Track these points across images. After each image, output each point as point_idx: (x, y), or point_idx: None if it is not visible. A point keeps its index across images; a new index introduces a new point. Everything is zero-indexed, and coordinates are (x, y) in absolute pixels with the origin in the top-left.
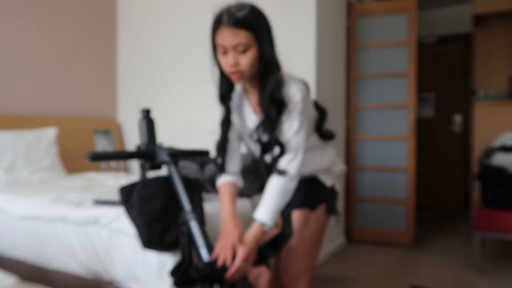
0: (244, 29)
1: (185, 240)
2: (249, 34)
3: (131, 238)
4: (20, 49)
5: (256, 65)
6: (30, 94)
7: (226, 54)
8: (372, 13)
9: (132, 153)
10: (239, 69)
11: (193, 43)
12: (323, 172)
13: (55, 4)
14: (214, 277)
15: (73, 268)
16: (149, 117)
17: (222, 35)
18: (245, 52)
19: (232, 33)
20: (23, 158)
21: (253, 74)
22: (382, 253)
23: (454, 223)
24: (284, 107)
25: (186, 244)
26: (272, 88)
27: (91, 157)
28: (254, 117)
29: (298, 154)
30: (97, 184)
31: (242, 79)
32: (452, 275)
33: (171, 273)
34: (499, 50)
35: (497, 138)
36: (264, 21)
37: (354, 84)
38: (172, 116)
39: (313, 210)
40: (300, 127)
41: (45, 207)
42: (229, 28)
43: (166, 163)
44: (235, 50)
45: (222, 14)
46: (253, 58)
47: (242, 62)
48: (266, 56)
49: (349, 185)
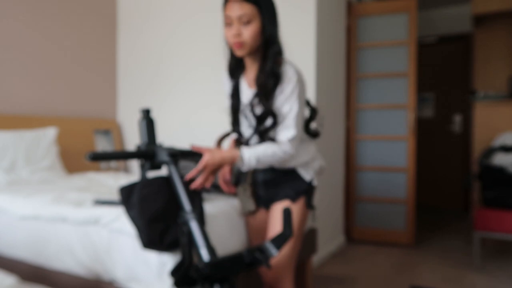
0: (249, 2)
1: (186, 240)
2: (254, 8)
3: (131, 238)
4: (20, 49)
5: (257, 38)
6: (30, 94)
7: (231, 25)
8: (372, 13)
9: (132, 153)
10: (241, 40)
11: (193, 43)
12: (303, 165)
13: (55, 4)
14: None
15: (73, 268)
16: (149, 117)
17: (229, 7)
18: (248, 24)
19: (239, 5)
20: (23, 158)
21: (254, 47)
22: (382, 253)
23: (454, 223)
24: (280, 82)
25: (187, 244)
26: (272, 63)
27: (92, 157)
28: (249, 91)
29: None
30: (97, 184)
31: (243, 50)
32: (452, 275)
33: (171, 273)
34: (499, 50)
35: (497, 138)
36: (270, 1)
37: (354, 84)
38: (172, 116)
39: (294, 202)
40: (299, 110)
41: (45, 207)
42: (236, 0)
43: (166, 163)
44: (239, 21)
45: None
46: (255, 31)
47: (244, 33)
48: (268, 31)
49: (349, 185)
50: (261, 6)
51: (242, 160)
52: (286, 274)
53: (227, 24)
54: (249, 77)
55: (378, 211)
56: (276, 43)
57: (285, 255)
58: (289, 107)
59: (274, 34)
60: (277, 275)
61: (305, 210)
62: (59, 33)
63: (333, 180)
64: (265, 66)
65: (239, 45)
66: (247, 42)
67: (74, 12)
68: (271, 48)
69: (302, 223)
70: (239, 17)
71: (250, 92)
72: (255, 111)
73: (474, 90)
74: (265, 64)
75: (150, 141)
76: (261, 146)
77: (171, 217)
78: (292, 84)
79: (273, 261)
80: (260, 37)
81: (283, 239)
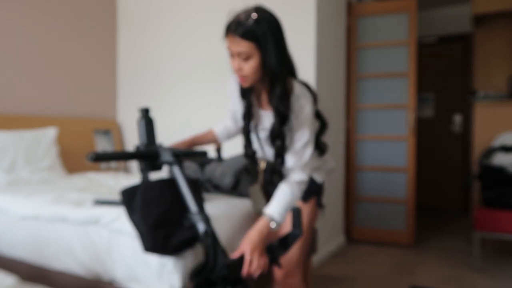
0: (246, 40)
1: (210, 241)
2: (252, 45)
3: (131, 238)
4: (20, 49)
5: (258, 72)
6: (30, 94)
7: (232, 57)
8: (372, 13)
9: (134, 153)
10: (242, 74)
11: (193, 43)
12: (315, 169)
13: (55, 5)
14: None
15: (73, 268)
16: (148, 116)
17: (229, 41)
18: (247, 60)
19: (236, 42)
20: (23, 158)
21: (258, 79)
22: (382, 253)
23: (454, 223)
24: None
25: (211, 246)
26: (278, 99)
27: (93, 157)
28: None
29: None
30: (97, 184)
31: (246, 83)
32: (452, 275)
33: (192, 276)
34: (499, 50)
35: (497, 138)
36: (270, 31)
37: (354, 84)
38: (172, 116)
39: (305, 202)
40: (309, 140)
41: (45, 207)
42: (234, 36)
43: (169, 164)
44: (239, 57)
45: (232, 22)
46: (255, 67)
47: (245, 68)
48: (269, 66)
49: (349, 185)
50: (260, 41)
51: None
52: (296, 271)
53: (230, 55)
54: (259, 99)
55: (378, 211)
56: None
57: (295, 253)
58: (300, 134)
59: (276, 65)
60: (288, 272)
61: (316, 210)
62: (59, 33)
63: (333, 180)
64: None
65: (243, 80)
66: (248, 76)
67: (74, 12)
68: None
69: (312, 222)
70: (238, 53)
71: (264, 114)
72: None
73: (474, 90)
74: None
75: (150, 141)
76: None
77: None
78: (305, 112)
79: (284, 258)
80: (262, 70)
81: (293, 238)
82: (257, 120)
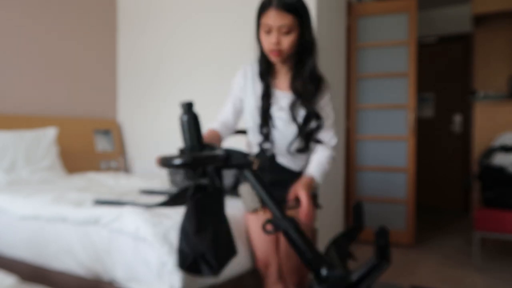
0: (290, 13)
1: (296, 240)
2: (294, 19)
3: (131, 238)
4: (20, 49)
5: (295, 47)
6: (30, 94)
7: (269, 33)
8: (372, 13)
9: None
10: (279, 48)
11: (193, 43)
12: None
13: (55, 5)
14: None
15: (73, 268)
16: (192, 111)
17: (269, 16)
18: (287, 34)
19: (279, 15)
20: (23, 158)
21: (290, 55)
22: None
23: (454, 223)
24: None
25: (297, 243)
26: (312, 67)
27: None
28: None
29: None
30: (97, 184)
31: (280, 57)
32: (452, 275)
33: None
34: (499, 50)
35: (497, 138)
36: (307, 9)
37: (354, 84)
38: (172, 116)
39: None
40: (334, 119)
41: (45, 207)
42: (277, 10)
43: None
44: (279, 31)
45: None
46: (294, 41)
47: (283, 42)
48: (307, 40)
49: (349, 185)
50: (301, 16)
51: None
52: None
53: (266, 32)
54: (280, 80)
55: (378, 211)
56: (314, 50)
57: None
58: (327, 112)
59: (313, 41)
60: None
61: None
62: (59, 33)
63: (333, 180)
64: (303, 71)
65: (278, 54)
66: (285, 51)
67: (74, 12)
68: (310, 55)
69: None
70: (279, 27)
71: (282, 95)
72: (296, 114)
73: (474, 90)
74: (303, 70)
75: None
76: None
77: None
78: (330, 91)
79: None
80: (297, 46)
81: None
82: (273, 101)
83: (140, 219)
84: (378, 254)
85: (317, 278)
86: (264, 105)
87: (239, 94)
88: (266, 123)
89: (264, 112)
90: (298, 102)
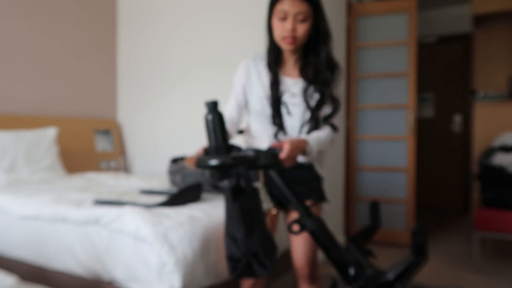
0: (307, 2)
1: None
2: (310, 7)
3: (131, 238)
4: (20, 49)
5: (308, 35)
6: (30, 94)
7: (285, 20)
8: (372, 13)
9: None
10: (296, 35)
11: (193, 43)
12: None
13: (55, 4)
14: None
15: (73, 268)
16: (217, 111)
17: (285, 2)
18: (303, 21)
19: (296, 2)
20: (23, 158)
21: (302, 43)
22: (382, 253)
23: (454, 223)
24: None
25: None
26: (327, 55)
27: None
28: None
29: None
30: (97, 184)
31: (294, 45)
32: (452, 275)
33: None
34: (499, 50)
35: (497, 138)
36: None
37: (354, 84)
38: (172, 116)
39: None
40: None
41: (45, 207)
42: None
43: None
44: (295, 18)
45: None
46: (308, 29)
47: (299, 29)
48: (322, 28)
49: (349, 185)
50: (317, 5)
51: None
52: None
53: (281, 18)
54: (288, 69)
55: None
56: (329, 39)
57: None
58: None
59: (327, 31)
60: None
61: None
62: (59, 33)
63: (333, 180)
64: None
65: (292, 41)
66: (299, 38)
67: (74, 12)
68: (324, 44)
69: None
70: (295, 14)
71: (292, 82)
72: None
73: (474, 90)
74: (319, 58)
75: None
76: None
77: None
78: (341, 74)
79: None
80: (310, 35)
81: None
82: (284, 88)
83: (140, 219)
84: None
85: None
86: (274, 93)
87: (242, 89)
88: (278, 112)
89: (275, 101)
90: (312, 87)
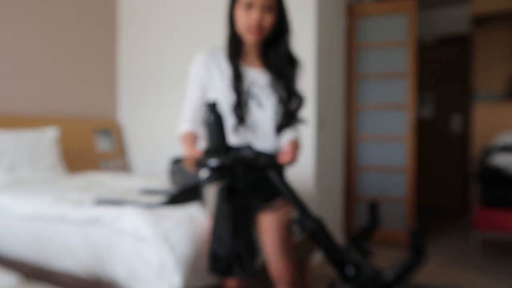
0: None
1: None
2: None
3: (131, 238)
4: (20, 49)
5: (272, 27)
6: (30, 94)
7: (250, 9)
8: (372, 14)
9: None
10: (263, 25)
11: (193, 43)
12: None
13: (55, 4)
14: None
15: (73, 268)
16: (217, 111)
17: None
18: (270, 11)
19: None
20: (23, 158)
21: (266, 35)
22: (382, 253)
23: (454, 223)
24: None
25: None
26: (287, 47)
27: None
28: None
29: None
30: (97, 184)
31: (259, 35)
32: (451, 275)
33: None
34: (499, 51)
35: (496, 138)
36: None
37: (354, 84)
38: (172, 116)
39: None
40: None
41: (46, 207)
42: None
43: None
44: (262, 8)
45: None
46: (273, 20)
47: (266, 20)
48: (286, 20)
49: (349, 185)
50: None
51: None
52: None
53: (246, 8)
54: (250, 59)
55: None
56: (290, 31)
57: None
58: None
59: (289, 23)
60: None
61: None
62: (59, 33)
63: (333, 180)
64: (278, 51)
65: (258, 31)
66: (266, 28)
67: (74, 12)
68: (285, 36)
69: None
70: (262, 5)
71: (257, 73)
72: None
73: (474, 90)
74: (279, 49)
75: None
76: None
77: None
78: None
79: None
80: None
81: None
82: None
83: (140, 219)
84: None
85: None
86: (237, 86)
87: (202, 86)
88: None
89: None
90: (277, 82)
